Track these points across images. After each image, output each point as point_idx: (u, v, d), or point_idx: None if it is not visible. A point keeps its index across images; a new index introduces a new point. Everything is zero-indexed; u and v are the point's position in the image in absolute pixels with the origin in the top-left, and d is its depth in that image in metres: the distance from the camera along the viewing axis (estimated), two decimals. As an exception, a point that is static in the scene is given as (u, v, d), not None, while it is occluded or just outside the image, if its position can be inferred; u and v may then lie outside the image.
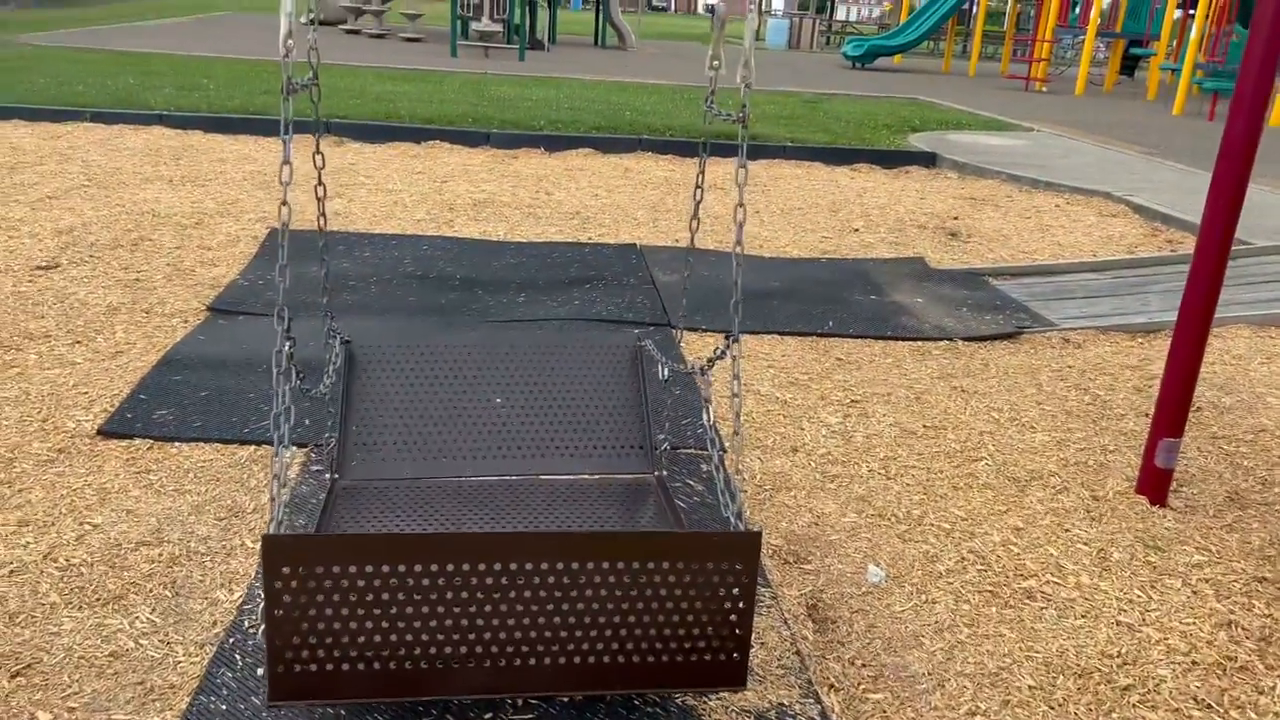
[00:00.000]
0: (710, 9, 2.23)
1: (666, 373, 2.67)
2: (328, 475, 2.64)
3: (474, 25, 19.35)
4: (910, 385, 3.99)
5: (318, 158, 2.44)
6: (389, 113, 9.44)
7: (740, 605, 1.85)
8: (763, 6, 44.48)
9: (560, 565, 1.78)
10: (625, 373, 2.88)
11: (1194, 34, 16.88)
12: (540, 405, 2.84)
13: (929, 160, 9.42)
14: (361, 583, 1.76)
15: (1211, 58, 17.15)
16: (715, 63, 2.26)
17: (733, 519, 2.04)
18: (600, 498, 2.59)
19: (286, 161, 1.94)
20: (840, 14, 53.94)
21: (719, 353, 2.32)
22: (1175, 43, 20.25)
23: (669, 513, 2.49)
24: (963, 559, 2.72)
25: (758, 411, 3.63)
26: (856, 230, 6.64)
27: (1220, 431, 3.68)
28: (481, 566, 1.78)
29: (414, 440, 2.72)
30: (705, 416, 2.41)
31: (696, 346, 4.25)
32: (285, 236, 1.94)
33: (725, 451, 3.16)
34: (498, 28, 19.10)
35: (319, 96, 2.31)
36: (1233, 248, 3.00)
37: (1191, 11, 17.92)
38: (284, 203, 1.94)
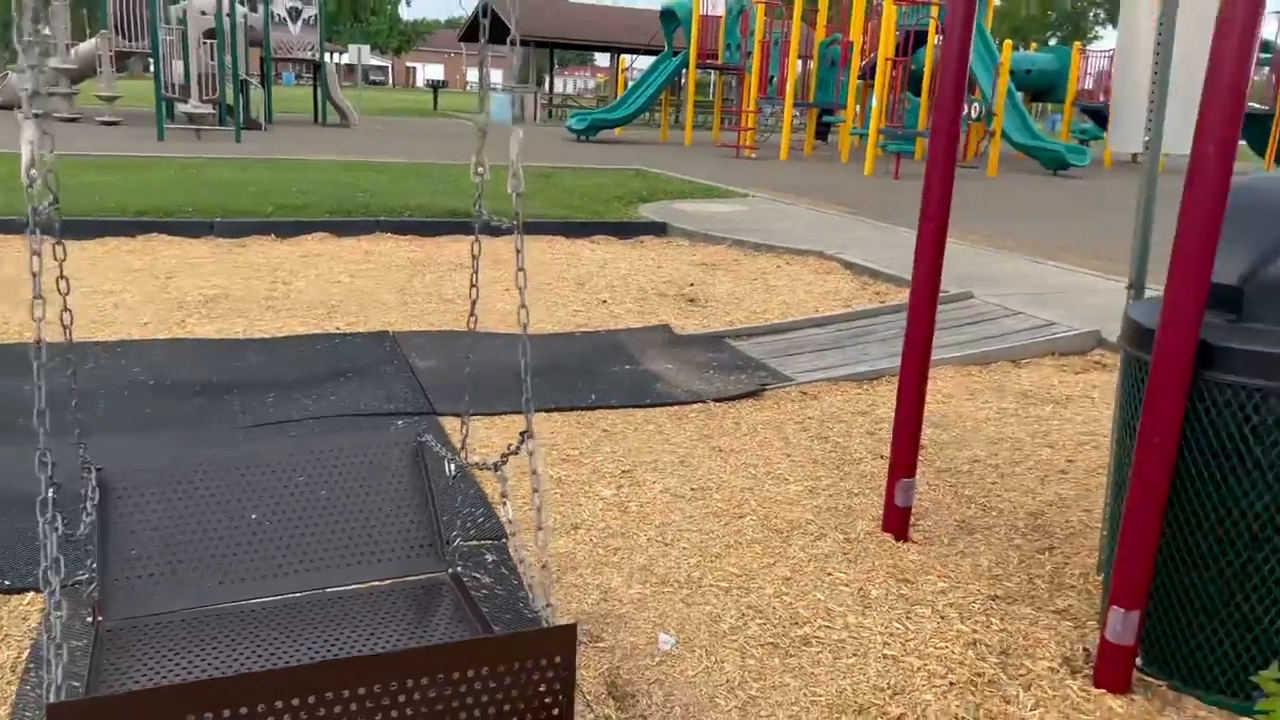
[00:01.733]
0: (487, 111, 2.31)
1: (453, 469, 2.66)
2: (91, 618, 2.41)
3: (181, 107, 18.37)
4: (674, 450, 4.19)
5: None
6: (95, 206, 8.76)
7: (561, 699, 1.87)
8: (484, 82, 45.14)
9: (376, 689, 1.74)
10: (407, 470, 2.85)
11: (875, 103, 18.97)
12: (318, 513, 2.75)
13: (660, 230, 9.95)
14: None
15: (891, 123, 19.30)
16: (480, 169, 2.34)
17: (543, 613, 2.07)
18: (394, 605, 2.53)
19: (35, 273, 1.81)
20: (558, 88, 55.88)
21: (513, 448, 2.36)
22: (860, 110, 22.60)
23: (469, 612, 2.47)
24: (743, 615, 2.88)
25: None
26: (604, 302, 6.89)
27: (943, 465, 4.13)
28: (283, 704, 1.69)
29: (183, 568, 2.54)
30: (501, 513, 2.43)
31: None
32: (43, 397, 1.79)
33: (509, 537, 3.18)
34: (208, 109, 18.24)
35: (59, 216, 2.18)
36: (937, 305, 3.42)
37: (871, 82, 20.13)
38: (39, 319, 1.80)
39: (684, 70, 25.53)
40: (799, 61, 22.31)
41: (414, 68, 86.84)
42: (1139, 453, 2.41)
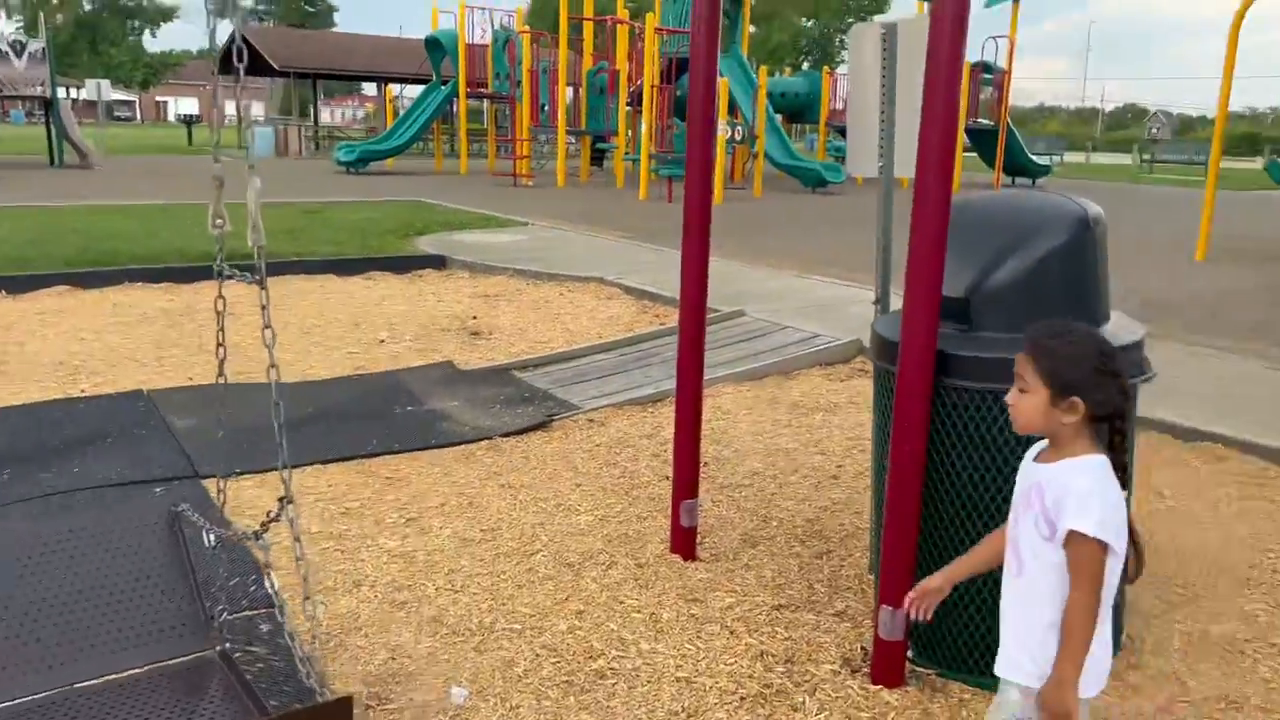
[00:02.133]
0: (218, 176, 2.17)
1: (213, 539, 2.49)
2: None
3: (-113, 151, 16.37)
4: (462, 491, 4.11)
5: None
6: None
7: None
8: (242, 115, 42.99)
9: None
10: (161, 544, 2.64)
11: (645, 129, 19.51)
12: (60, 602, 2.49)
13: (440, 263, 9.78)
14: None
15: (661, 148, 19.91)
16: (219, 220, 2.21)
17: (316, 687, 1.96)
18: (156, 694, 2.32)
19: None
20: (325, 118, 54.08)
21: (273, 515, 2.23)
22: (631, 136, 23.19)
23: (240, 691, 2.31)
24: (537, 656, 2.85)
25: (312, 552, 3.48)
26: (382, 341, 6.68)
27: (725, 481, 4.27)
28: None
29: None
30: (267, 583, 2.28)
31: (233, 494, 3.98)
32: None
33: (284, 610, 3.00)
34: (-79, 152, 16.35)
35: None
36: (706, 315, 3.53)
37: (639, 108, 20.71)
38: None
39: (454, 99, 25.33)
40: (568, 89, 22.64)
41: (164, 102, 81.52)
42: (893, 458, 2.57)
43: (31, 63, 22.03)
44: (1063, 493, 1.81)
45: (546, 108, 22.72)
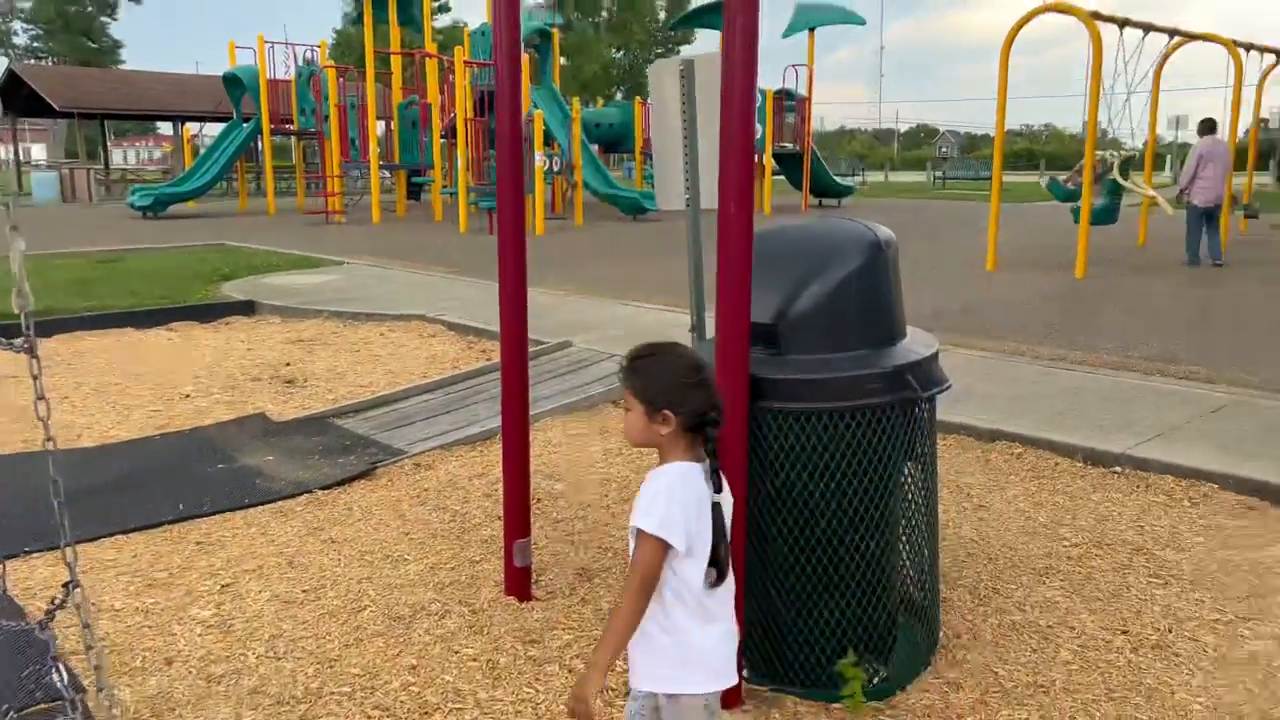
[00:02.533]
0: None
1: None
2: None
3: None
4: (280, 551, 3.90)
5: None
6: None
7: None
8: (19, 158, 39.98)
9: None
10: None
11: (460, 162, 19.35)
12: None
13: (248, 308, 9.34)
14: None
15: (479, 181, 19.78)
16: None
17: None
18: None
19: None
20: (118, 159, 50.90)
21: (58, 601, 2.04)
22: (447, 169, 22.94)
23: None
24: (369, 718, 2.73)
25: (116, 631, 3.23)
26: (188, 396, 6.30)
27: (558, 515, 4.24)
28: None
29: None
30: (56, 675, 2.08)
31: (22, 574, 3.64)
32: None
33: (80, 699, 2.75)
34: None
35: None
36: (532, 349, 3.51)
37: (454, 141, 20.52)
38: None
39: (258, 137, 24.37)
40: (379, 123, 22.19)
41: (-71, 146, 74.50)
42: (716, 484, 2.62)
43: None
44: (639, 496, 1.97)
45: (357, 143, 22.19)
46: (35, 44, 63.14)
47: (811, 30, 24.38)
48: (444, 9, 55.39)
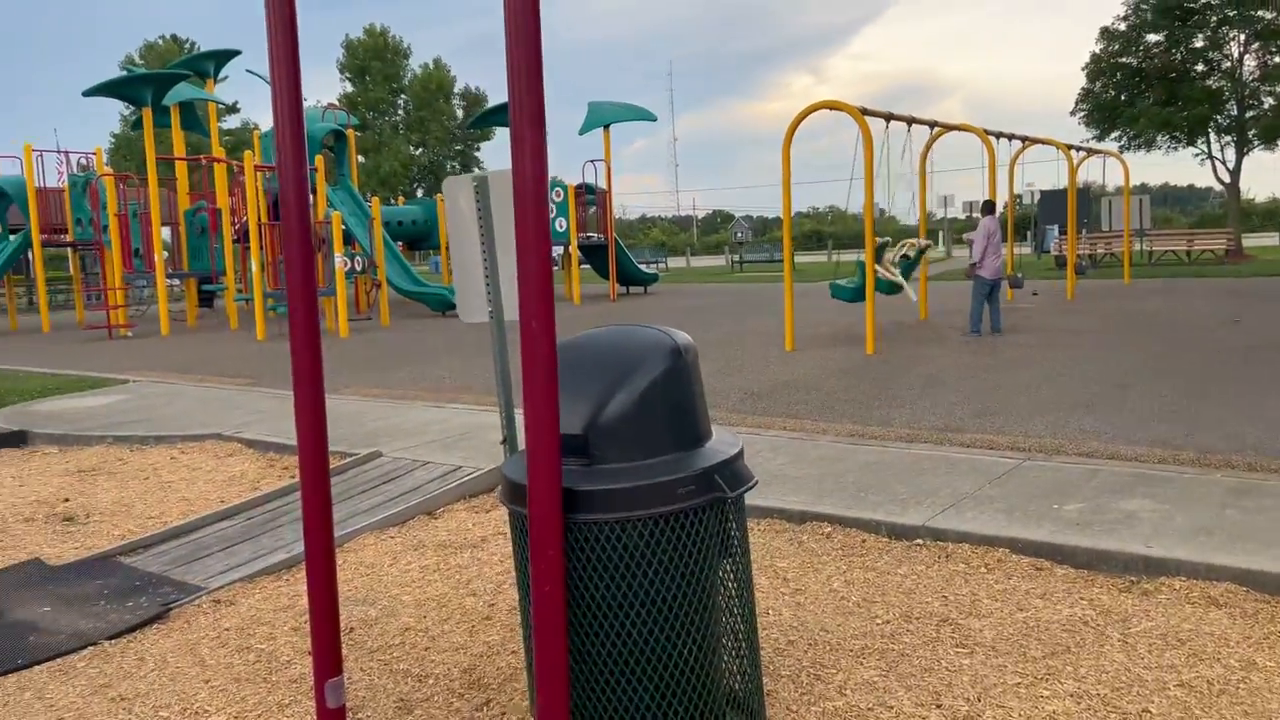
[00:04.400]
0: None
1: None
2: None
3: None
4: (60, 717, 3.51)
5: None
6: None
7: None
8: None
9: None
10: None
11: (255, 267, 18.64)
12: None
13: (19, 439, 8.55)
14: None
15: (276, 285, 19.09)
16: None
17: None
18: None
19: None
20: None
21: None
22: (241, 274, 22.04)
23: None
24: None
25: None
26: (-55, 546, 5.64)
27: (374, 644, 4.03)
28: None
29: None
30: None
31: None
32: None
33: None
34: None
35: None
36: (339, 462, 3.35)
37: (247, 245, 19.78)
38: None
39: (28, 249, 22.68)
40: (165, 229, 21.15)
41: None
42: (535, 602, 2.57)
43: None
44: None
45: (141, 251, 21.02)
46: None
47: (606, 126, 25.27)
48: (233, 110, 53.89)
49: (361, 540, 5.38)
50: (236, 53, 25.12)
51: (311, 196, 19.23)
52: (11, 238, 22.63)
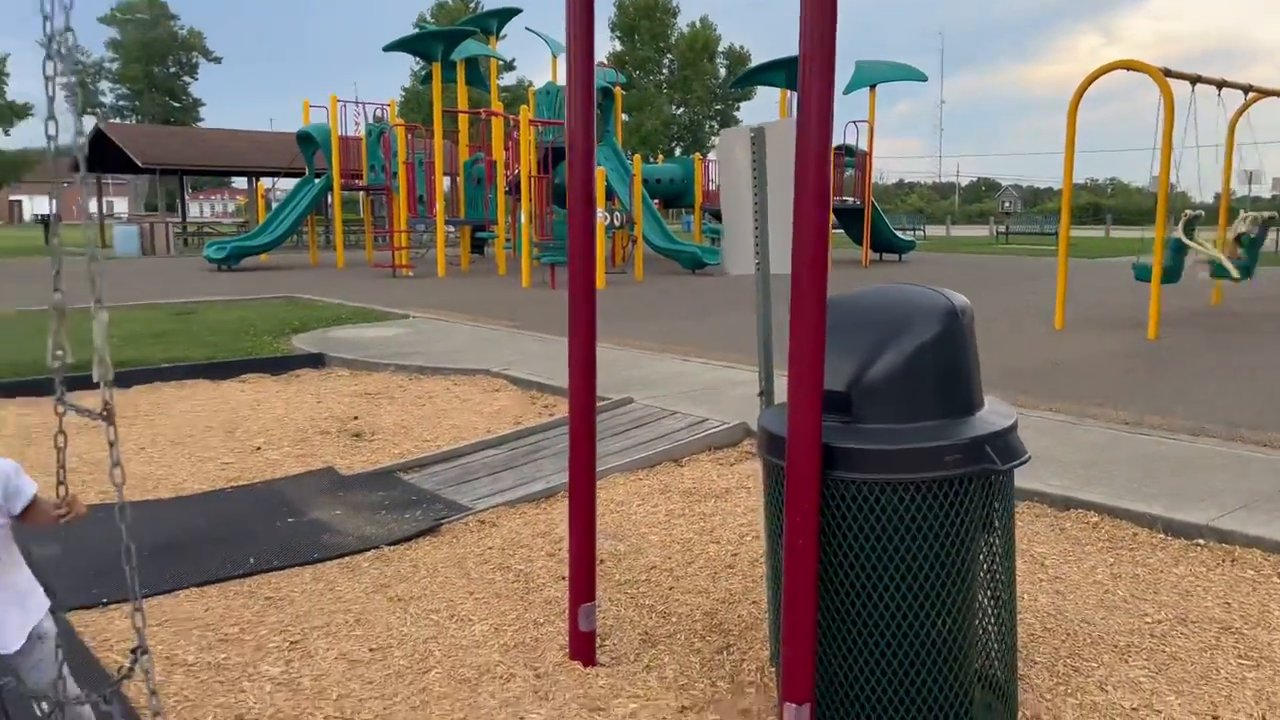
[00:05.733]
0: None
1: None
2: None
3: None
4: (348, 608, 3.93)
5: None
6: None
7: None
8: (103, 212, 41.64)
9: None
10: None
11: (524, 217, 19.67)
12: None
13: (318, 361, 9.54)
14: None
15: (542, 236, 20.08)
16: (60, 351, 2.10)
17: None
18: None
19: None
20: (194, 213, 52.71)
21: (124, 672, 2.08)
22: (510, 224, 23.35)
23: None
24: (437, 784, 2.72)
25: (189, 685, 3.27)
26: (259, 448, 6.43)
27: (622, 578, 4.21)
28: None
29: None
30: None
31: (99, 625, 3.71)
32: None
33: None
34: None
35: None
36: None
37: (518, 197, 20.91)
38: None
39: (329, 192, 25.08)
40: (445, 179, 22.71)
41: (19, 201, 78.08)
42: (788, 555, 2.59)
43: None
44: (4, 480, 2.29)
45: (424, 198, 22.71)
46: (121, 103, 66.10)
47: (873, 86, 24.48)
48: (509, 68, 56.79)
49: (612, 479, 5.61)
50: (518, 11, 26.36)
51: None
52: (316, 181, 25.09)
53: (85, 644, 3.53)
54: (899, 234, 28.67)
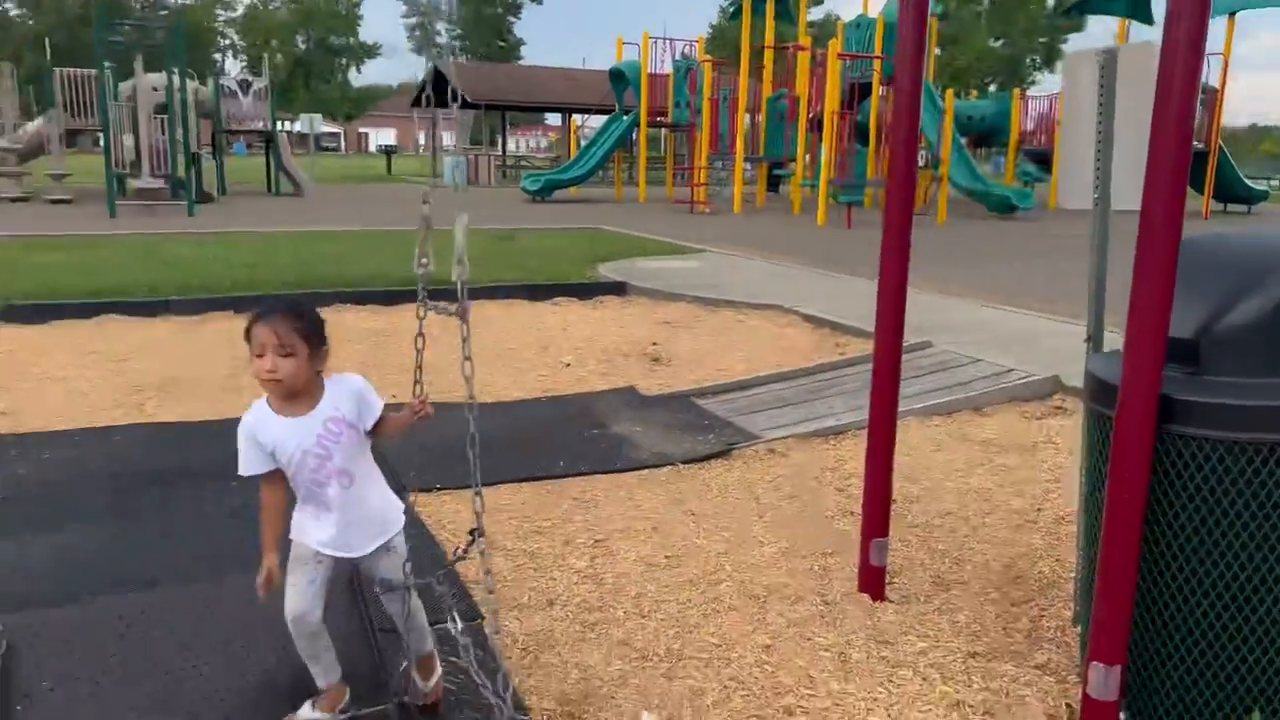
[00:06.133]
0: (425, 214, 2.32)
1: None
2: None
3: (133, 182, 18.27)
4: (646, 516, 4.17)
5: None
6: (49, 288, 8.63)
7: None
8: (436, 145, 45.57)
9: None
10: (343, 597, 2.78)
11: (824, 155, 19.35)
12: (250, 657, 2.69)
13: (620, 289, 10.00)
14: None
15: (841, 174, 19.68)
16: (424, 260, 2.36)
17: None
18: None
19: None
20: (510, 148, 56.42)
21: (460, 552, 2.34)
22: (809, 162, 23.07)
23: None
24: (725, 688, 2.85)
25: (507, 567, 3.62)
26: (568, 365, 6.89)
27: (914, 520, 4.14)
28: None
29: None
30: (451, 626, 2.36)
31: (433, 508, 4.19)
32: None
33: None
34: (160, 183, 18.15)
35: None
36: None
37: (819, 134, 20.56)
38: None
39: (635, 129, 25.90)
40: (747, 116, 22.74)
41: (366, 133, 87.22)
42: (1109, 511, 2.43)
43: (255, 100, 24.09)
44: (358, 396, 2.42)
45: (725, 135, 22.90)
46: (454, 43, 71.66)
47: (1232, 14, 21.55)
48: (818, 2, 55.47)
49: (906, 423, 5.46)
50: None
51: (884, 88, 19.12)
52: (624, 118, 25.99)
53: (424, 523, 3.98)
54: (1248, 182, 25.33)
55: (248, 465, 2.41)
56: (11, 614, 3.05)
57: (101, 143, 18.02)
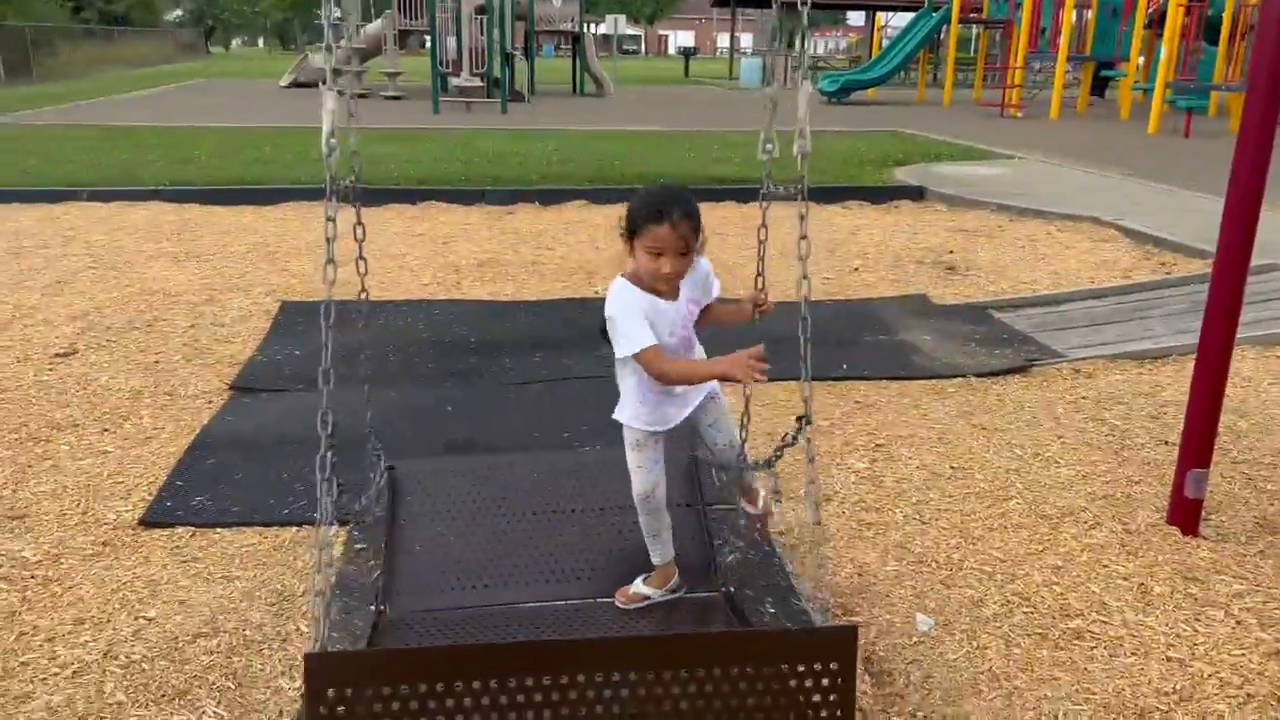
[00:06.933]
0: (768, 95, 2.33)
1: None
2: (373, 607, 2.58)
3: (454, 80, 19.61)
4: (931, 425, 4.04)
5: (358, 229, 2.54)
6: (383, 175, 9.54)
7: (839, 713, 1.69)
8: (734, 46, 45.19)
9: (634, 676, 1.66)
10: (681, 487, 2.90)
11: (1164, 54, 17.21)
12: (594, 526, 2.87)
13: (917, 194, 9.56)
14: (415, 704, 1.61)
15: (1182, 76, 17.47)
16: (769, 146, 2.37)
17: (815, 614, 2.02)
18: (665, 617, 2.58)
19: (331, 260, 2.00)
20: (809, 50, 54.80)
21: (789, 439, 2.37)
22: (1144, 62, 20.63)
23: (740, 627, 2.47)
24: (1008, 601, 2.75)
25: (787, 462, 3.64)
26: (856, 269, 6.73)
27: (1240, 456, 3.73)
28: (547, 681, 1.63)
29: (464, 568, 2.71)
30: (774, 524, 2.42)
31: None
32: (328, 356, 1.94)
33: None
34: (478, 81, 19.36)
35: (355, 186, 2.43)
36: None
37: (1159, 31, 18.30)
38: (328, 326, 1.95)
39: (945, 26, 24.28)
40: (1075, 11, 20.62)
41: (665, 35, 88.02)
42: None
43: (566, 2, 24.91)
44: (705, 277, 2.53)
45: (1047, 32, 20.94)
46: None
47: None
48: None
49: (1240, 351, 4.87)
50: None
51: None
52: (934, 14, 24.40)
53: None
54: None
55: (642, 339, 2.31)
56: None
57: (428, 44, 19.44)
